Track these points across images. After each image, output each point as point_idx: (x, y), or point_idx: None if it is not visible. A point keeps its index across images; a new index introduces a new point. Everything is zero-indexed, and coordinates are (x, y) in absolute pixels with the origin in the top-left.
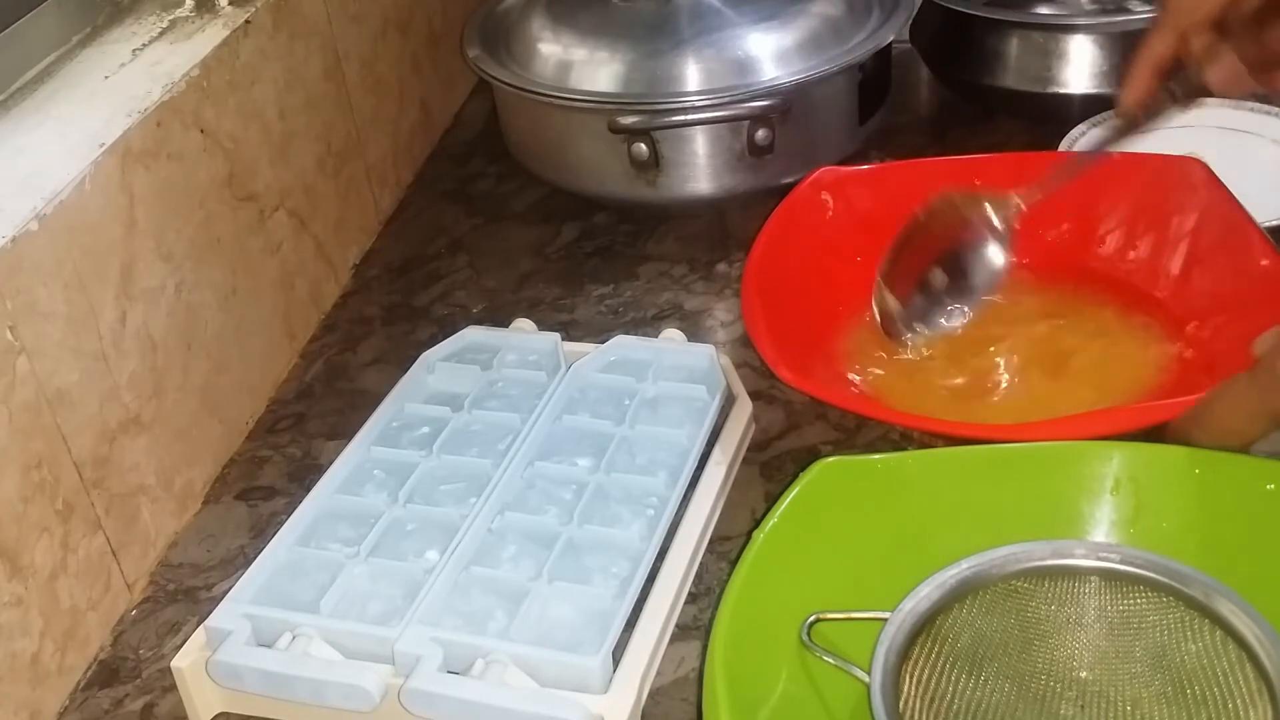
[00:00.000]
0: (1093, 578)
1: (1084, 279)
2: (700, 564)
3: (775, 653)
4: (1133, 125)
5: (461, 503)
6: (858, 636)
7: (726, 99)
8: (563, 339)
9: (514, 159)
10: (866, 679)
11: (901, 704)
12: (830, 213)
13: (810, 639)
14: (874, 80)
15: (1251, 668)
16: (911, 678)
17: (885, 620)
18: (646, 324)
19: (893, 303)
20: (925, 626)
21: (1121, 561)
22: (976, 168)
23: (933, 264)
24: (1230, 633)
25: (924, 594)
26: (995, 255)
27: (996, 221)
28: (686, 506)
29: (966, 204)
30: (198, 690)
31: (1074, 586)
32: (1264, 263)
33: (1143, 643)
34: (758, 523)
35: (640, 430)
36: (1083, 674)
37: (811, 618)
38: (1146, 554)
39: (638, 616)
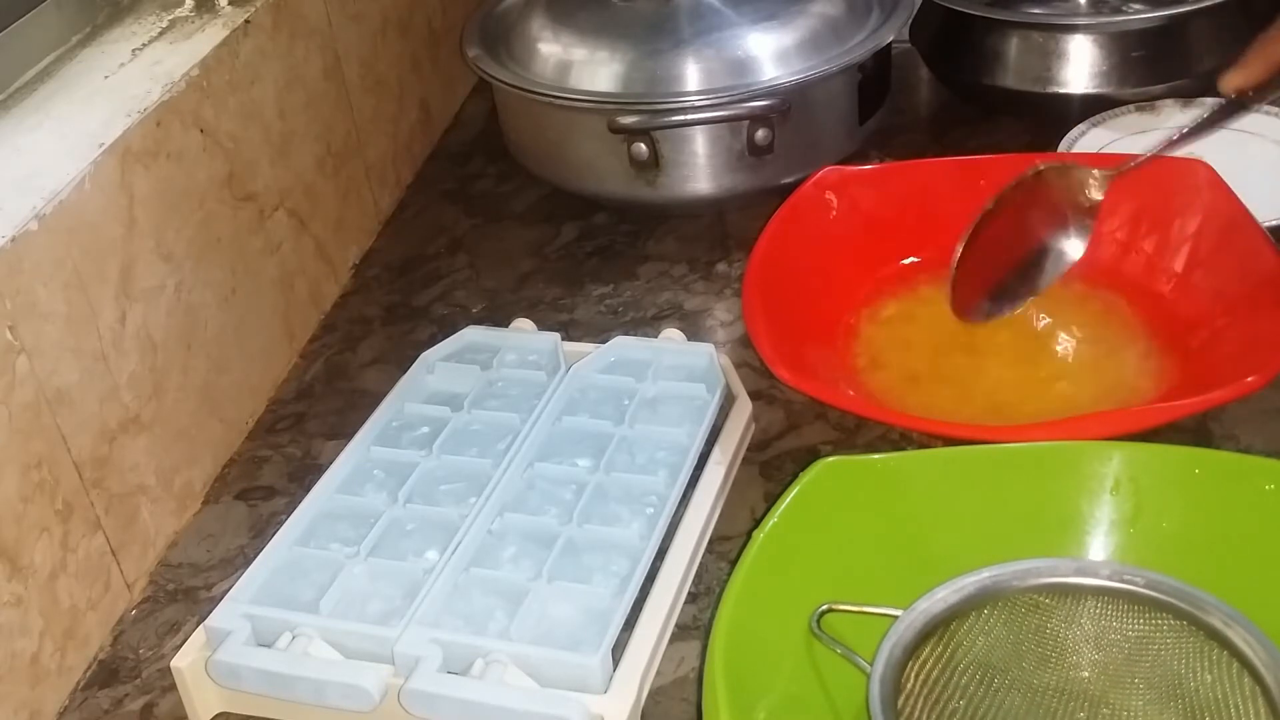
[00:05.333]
0: (1114, 599)
1: (1087, 280)
2: (700, 564)
3: (775, 652)
4: (1237, 107)
5: (461, 503)
6: (863, 636)
7: (726, 99)
8: (562, 339)
9: (514, 159)
10: (869, 669)
11: (903, 700)
12: (834, 213)
13: (820, 628)
14: (874, 80)
15: (1265, 704)
16: (918, 677)
17: (896, 617)
18: (646, 324)
19: (959, 282)
20: (938, 628)
21: (1145, 585)
22: (979, 168)
23: (1008, 243)
24: (1246, 665)
25: (940, 596)
26: (1071, 241)
27: (1080, 200)
28: (686, 506)
29: (1055, 178)
30: (197, 690)
31: (1095, 606)
32: (1268, 265)
33: (1159, 669)
34: (758, 523)
35: (640, 430)
36: (1094, 694)
37: (823, 607)
38: (1170, 580)
39: (637, 616)
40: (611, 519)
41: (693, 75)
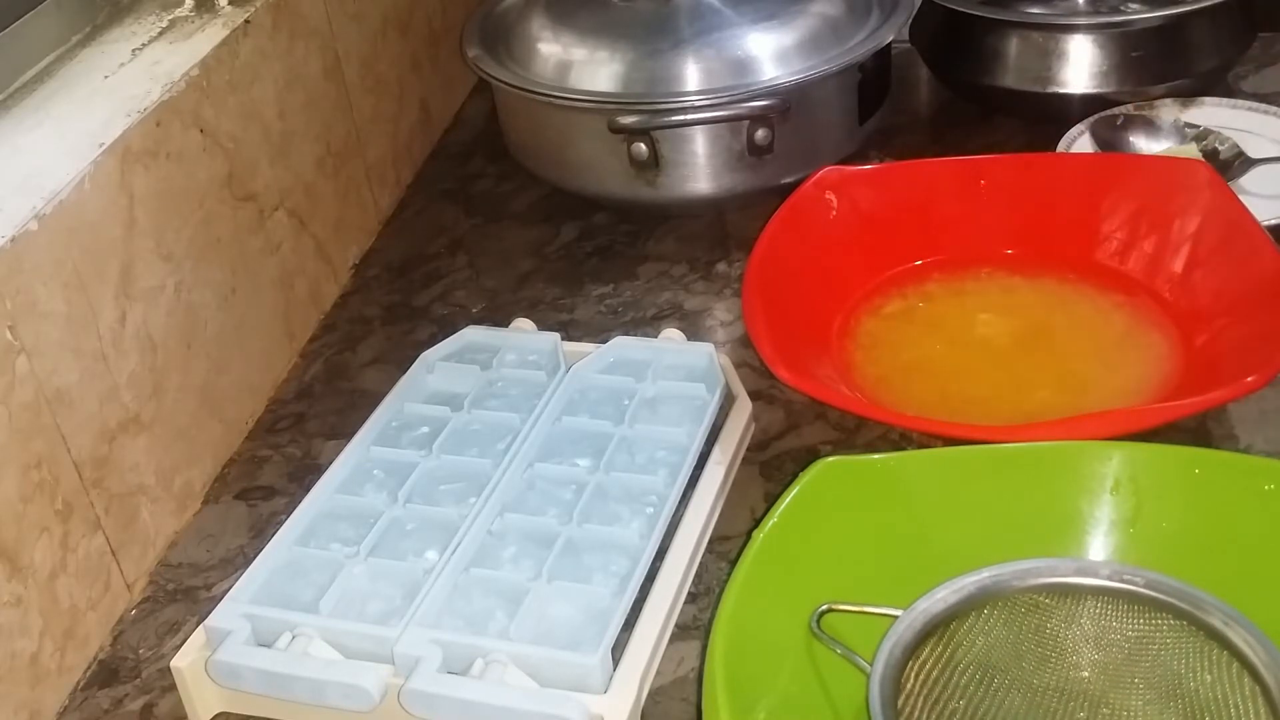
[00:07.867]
0: (1114, 599)
1: (1087, 280)
2: (700, 564)
3: (775, 652)
4: None
5: (461, 503)
6: (863, 636)
7: (726, 99)
8: (562, 339)
9: (514, 159)
10: (869, 669)
11: (903, 700)
12: (834, 212)
13: (820, 628)
14: (874, 80)
15: (1265, 704)
16: (917, 677)
17: (896, 617)
18: (646, 324)
19: None
20: (938, 628)
21: (1145, 585)
22: (980, 168)
23: None
24: (1246, 665)
25: (940, 596)
26: None
27: None
28: (686, 506)
29: None
30: (197, 690)
31: (1095, 606)
32: (1268, 265)
33: (1159, 669)
34: (758, 523)
35: (639, 429)
36: (1094, 694)
37: (823, 607)
38: (1170, 580)
39: (637, 616)
40: (611, 519)
41: (692, 75)
